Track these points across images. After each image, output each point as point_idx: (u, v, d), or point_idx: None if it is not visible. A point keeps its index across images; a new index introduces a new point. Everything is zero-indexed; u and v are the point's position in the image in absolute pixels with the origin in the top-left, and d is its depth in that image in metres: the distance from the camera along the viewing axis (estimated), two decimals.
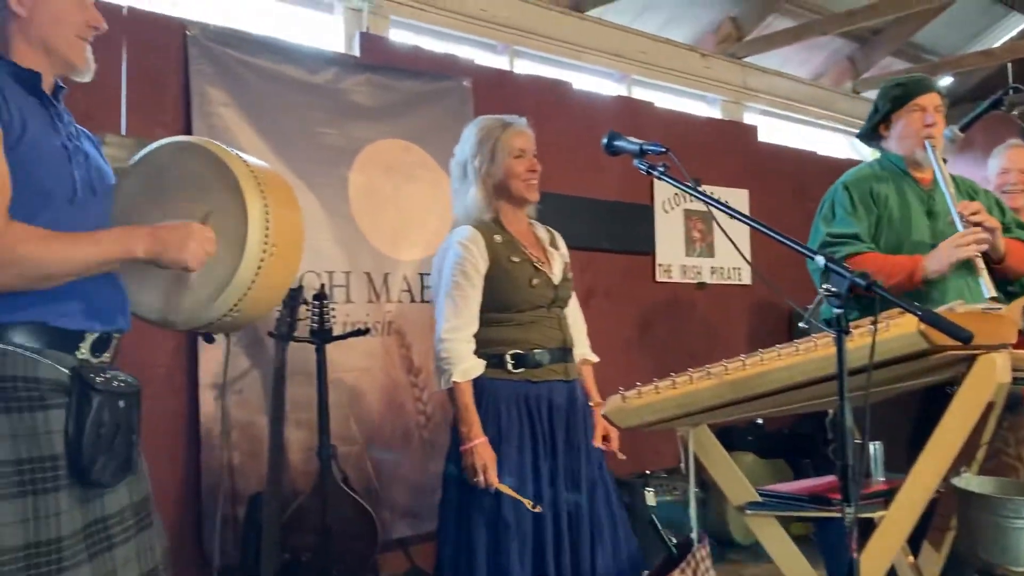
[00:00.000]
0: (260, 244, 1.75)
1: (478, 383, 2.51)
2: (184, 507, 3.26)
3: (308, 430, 3.37)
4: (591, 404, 2.75)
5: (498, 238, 2.58)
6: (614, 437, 2.72)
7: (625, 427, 2.30)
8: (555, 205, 4.44)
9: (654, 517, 3.42)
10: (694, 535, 2.29)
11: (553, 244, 2.76)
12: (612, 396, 2.32)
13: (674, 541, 2.39)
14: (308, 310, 3.22)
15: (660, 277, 5.00)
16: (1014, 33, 6.51)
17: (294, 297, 3.14)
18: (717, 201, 2.06)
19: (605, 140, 2.28)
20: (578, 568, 2.50)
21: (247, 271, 1.74)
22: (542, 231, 2.77)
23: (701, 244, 5.22)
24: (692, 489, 2.34)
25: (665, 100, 5.41)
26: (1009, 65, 6.41)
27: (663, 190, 5.01)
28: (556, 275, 2.65)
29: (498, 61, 4.61)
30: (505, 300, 2.54)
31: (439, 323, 2.54)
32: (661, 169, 2.15)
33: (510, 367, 2.52)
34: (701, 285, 5.18)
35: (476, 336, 2.54)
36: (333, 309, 3.30)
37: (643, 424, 2.25)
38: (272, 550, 2.92)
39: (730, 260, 5.30)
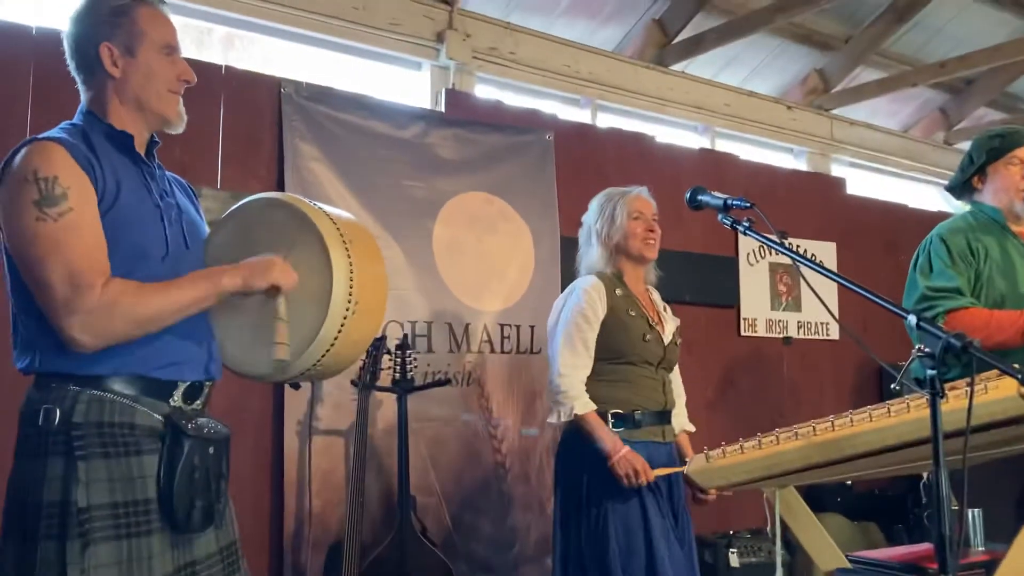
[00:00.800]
0: (344, 301, 1.77)
1: (581, 437, 2.58)
2: (266, 553, 3.30)
3: (388, 479, 3.39)
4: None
5: (619, 291, 2.72)
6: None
7: (710, 487, 2.26)
8: None
9: None
10: None
11: (666, 310, 2.90)
12: (696, 456, 2.28)
13: None
14: (391, 359, 3.26)
15: (745, 331, 4.91)
16: None
17: (377, 347, 3.19)
18: (802, 256, 2.03)
19: (689, 195, 2.27)
20: None
21: (331, 327, 1.77)
22: (657, 297, 2.92)
23: (787, 298, 5.12)
24: (779, 552, 2.27)
25: (749, 152, 5.36)
26: None
27: (748, 242, 4.94)
28: (667, 336, 2.78)
29: (581, 115, 4.66)
30: (618, 349, 2.66)
31: (555, 360, 2.65)
32: (746, 224, 2.13)
33: (610, 425, 2.60)
34: (787, 340, 5.06)
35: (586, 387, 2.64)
36: (415, 359, 3.34)
37: (728, 485, 2.21)
38: None
39: (817, 315, 5.17)
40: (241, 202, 1.96)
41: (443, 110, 4.00)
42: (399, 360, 3.27)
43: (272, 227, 1.87)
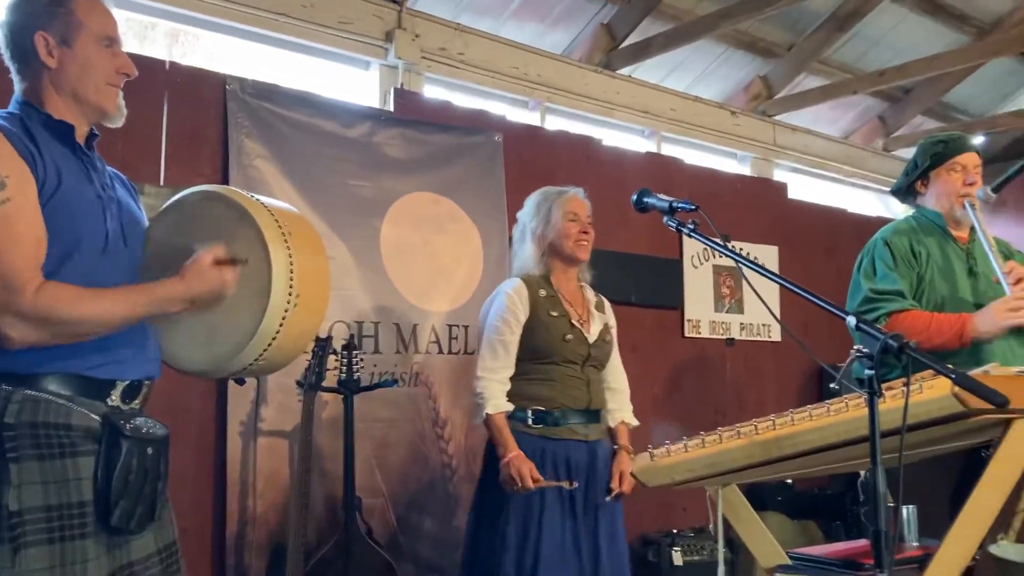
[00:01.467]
0: (284, 294, 1.76)
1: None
2: (208, 555, 3.24)
3: (333, 481, 3.36)
4: (616, 447, 2.83)
5: (542, 292, 2.78)
6: (627, 482, 2.75)
7: (654, 485, 2.28)
8: None
9: (679, 575, 3.37)
10: None
11: (599, 308, 2.92)
12: (640, 454, 2.30)
13: None
14: (337, 360, 3.24)
15: (689, 333, 4.97)
16: None
17: (323, 347, 3.16)
18: (745, 258, 2.06)
19: (635, 197, 2.29)
20: None
21: (272, 321, 1.76)
22: (591, 294, 2.95)
23: (731, 300, 5.20)
24: (721, 550, 2.31)
25: (694, 157, 5.44)
26: None
27: (692, 245, 5.01)
28: (592, 334, 2.80)
29: (529, 117, 4.68)
30: (538, 350, 2.72)
31: (478, 363, 2.74)
32: (691, 226, 2.16)
33: (530, 422, 2.67)
34: (730, 342, 5.14)
35: (510, 385, 2.71)
36: (361, 359, 3.31)
37: (671, 483, 2.23)
38: None
39: (760, 317, 5.26)
40: (178, 195, 1.93)
41: (391, 109, 3.98)
42: (345, 360, 3.24)
43: (210, 220, 1.84)
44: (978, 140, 6.26)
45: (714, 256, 5.12)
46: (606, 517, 2.72)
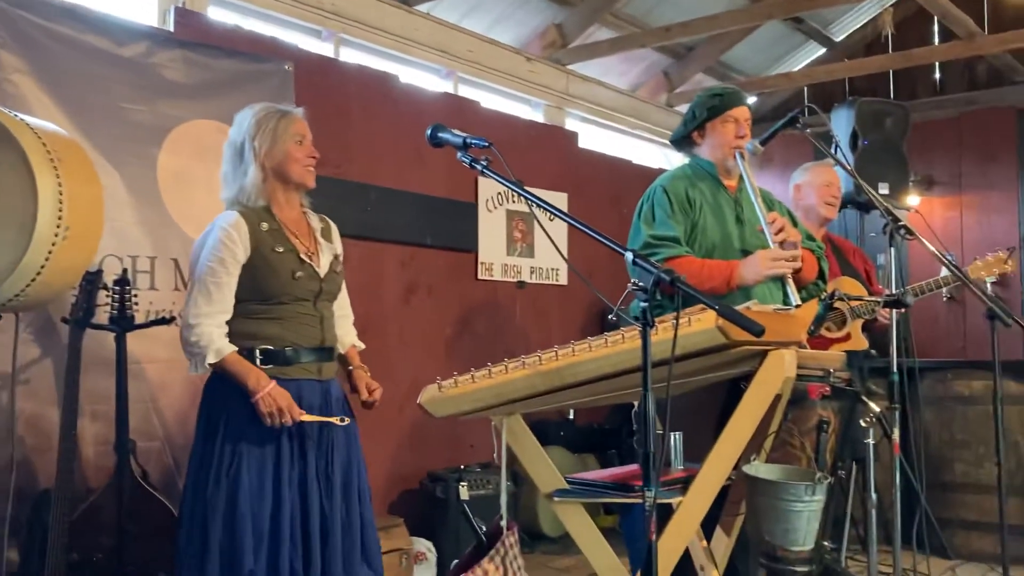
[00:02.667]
0: (52, 226, 1.63)
1: (225, 377, 2.45)
2: None
3: (105, 424, 3.17)
4: (350, 368, 2.74)
5: (264, 226, 2.51)
6: (376, 389, 2.69)
7: (441, 416, 2.31)
8: (379, 198, 4.43)
9: (466, 507, 3.46)
10: (503, 522, 2.33)
11: (326, 235, 2.70)
12: (429, 385, 2.32)
13: (484, 529, 2.42)
14: (108, 296, 3.03)
15: (482, 275, 5.05)
16: (811, 59, 7.06)
17: (92, 281, 2.93)
18: (538, 198, 2.11)
19: (429, 131, 2.29)
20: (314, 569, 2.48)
21: (37, 255, 1.62)
22: (316, 220, 2.71)
23: (522, 244, 5.32)
24: (504, 476, 2.38)
25: (490, 100, 5.48)
26: (806, 88, 6.95)
27: (487, 188, 5.07)
28: (323, 268, 2.60)
29: (323, 48, 4.52)
30: (265, 290, 2.49)
31: (188, 307, 2.45)
32: (484, 163, 2.18)
33: (258, 362, 2.46)
34: (521, 284, 5.28)
35: (229, 327, 2.48)
36: (136, 296, 3.11)
37: (459, 413, 2.27)
38: (59, 551, 2.72)
39: (549, 261, 5.43)
40: None
41: (171, 30, 3.72)
42: (117, 297, 3.04)
43: None
44: (751, 99, 6.74)
45: (508, 200, 5.21)
46: (340, 454, 2.58)
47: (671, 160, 6.81)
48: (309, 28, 4.49)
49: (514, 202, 5.23)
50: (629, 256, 1.91)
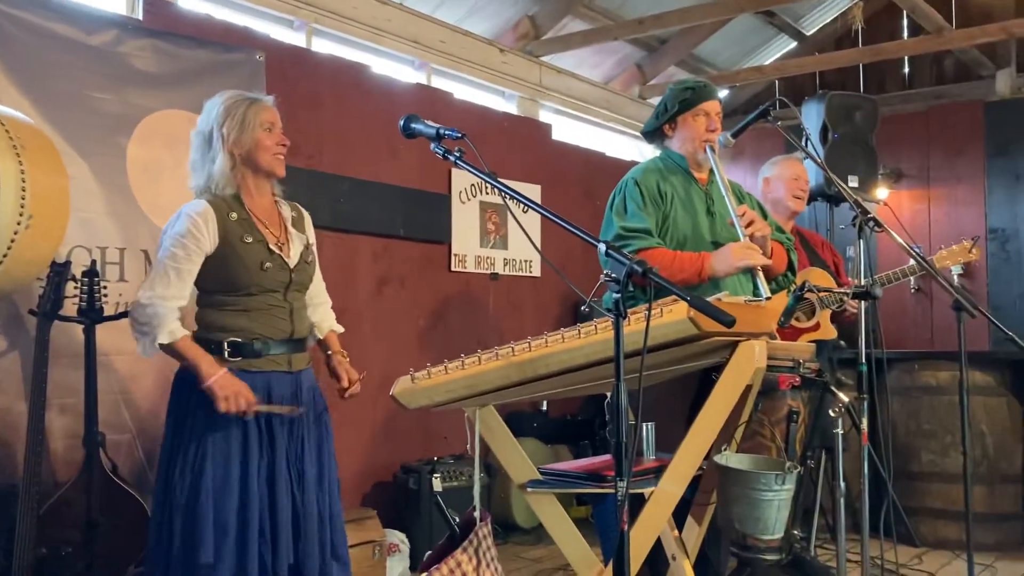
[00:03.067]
0: (15, 214, 1.60)
1: (191, 370, 2.42)
2: None
3: (74, 417, 3.13)
4: (329, 353, 2.70)
5: (233, 215, 2.47)
6: (355, 379, 2.65)
7: (414, 407, 2.31)
8: (351, 189, 4.41)
9: (439, 499, 3.47)
10: (476, 513, 2.34)
11: (297, 224, 2.66)
12: (402, 377, 2.32)
13: (457, 520, 2.42)
14: (76, 287, 2.99)
15: (455, 267, 5.05)
16: (782, 53, 7.11)
17: (60, 273, 2.90)
18: (512, 189, 2.11)
19: (402, 122, 2.28)
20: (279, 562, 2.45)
21: None
22: (287, 209, 2.67)
23: (496, 236, 5.32)
24: (477, 467, 2.39)
25: (464, 92, 5.46)
26: (777, 82, 7.00)
27: (460, 180, 5.07)
28: (293, 258, 2.56)
29: (295, 38, 4.48)
30: (234, 281, 2.45)
31: (142, 288, 2.40)
32: (457, 154, 2.18)
33: (226, 354, 2.43)
34: (494, 276, 5.28)
35: (198, 319, 2.48)
36: (105, 287, 3.08)
37: (432, 404, 2.27)
38: (27, 545, 2.69)
39: (522, 252, 5.44)
40: None
41: (140, 18, 3.67)
42: (86, 288, 3.00)
43: None
44: (722, 93, 6.78)
45: (481, 192, 5.21)
46: (312, 445, 2.56)
47: (644, 152, 6.84)
48: (281, 18, 4.45)
49: (487, 194, 5.23)
50: (602, 247, 1.91)
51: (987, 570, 4.07)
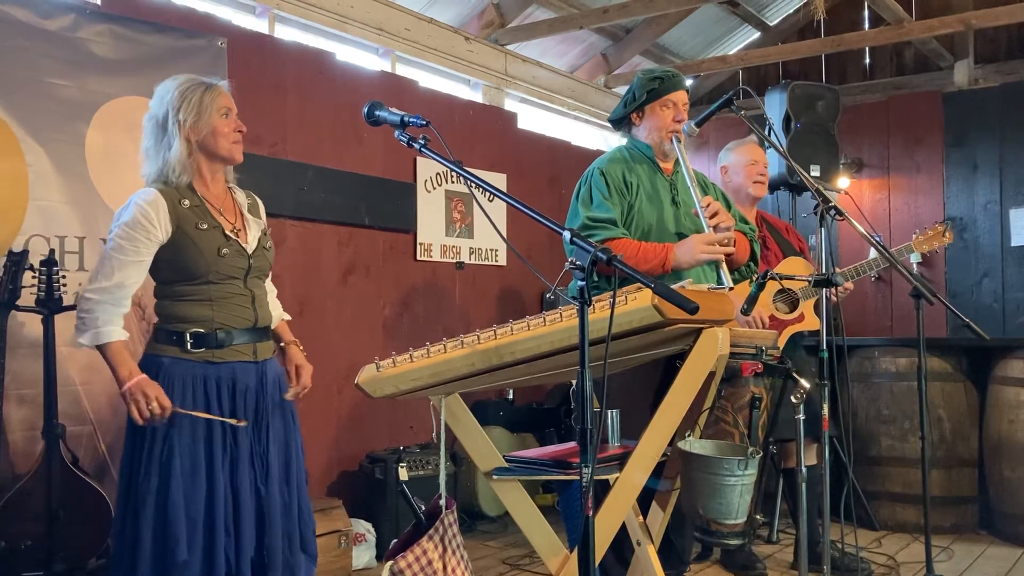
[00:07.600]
0: None
1: (153, 361, 2.39)
2: None
3: (33, 408, 3.09)
4: (282, 344, 2.66)
5: (186, 203, 2.42)
6: (305, 373, 2.61)
7: (379, 396, 2.30)
8: (315, 177, 4.37)
9: (405, 488, 3.47)
10: (442, 501, 2.34)
11: (253, 211, 2.63)
12: (367, 365, 2.31)
13: (423, 508, 2.42)
14: (34, 277, 2.94)
15: (421, 256, 5.03)
16: (746, 43, 7.16)
17: (17, 262, 2.86)
18: (477, 177, 2.10)
19: (366, 109, 2.26)
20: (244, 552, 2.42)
21: None
22: (241, 196, 2.63)
23: (461, 225, 5.31)
24: (443, 456, 2.39)
25: (429, 80, 5.44)
26: (740, 72, 7.05)
27: (426, 169, 5.05)
28: (251, 244, 2.51)
29: (257, 24, 4.43)
30: (191, 269, 2.40)
31: (89, 280, 2.37)
32: (422, 143, 2.17)
33: (189, 346, 2.39)
34: (460, 265, 5.27)
35: (158, 311, 2.44)
36: (64, 277, 3.04)
37: (397, 392, 2.27)
38: None
39: (488, 241, 5.43)
40: None
41: (98, 3, 3.60)
42: (44, 277, 2.96)
43: None
44: (688, 82, 6.81)
45: (447, 181, 5.19)
46: (278, 437, 2.52)
47: (609, 141, 6.85)
48: (243, 3, 4.40)
49: (453, 182, 5.21)
50: (567, 235, 1.92)
51: (944, 552, 4.16)
